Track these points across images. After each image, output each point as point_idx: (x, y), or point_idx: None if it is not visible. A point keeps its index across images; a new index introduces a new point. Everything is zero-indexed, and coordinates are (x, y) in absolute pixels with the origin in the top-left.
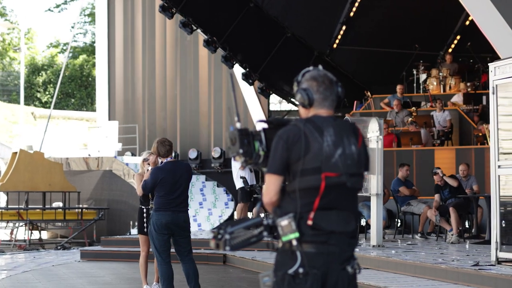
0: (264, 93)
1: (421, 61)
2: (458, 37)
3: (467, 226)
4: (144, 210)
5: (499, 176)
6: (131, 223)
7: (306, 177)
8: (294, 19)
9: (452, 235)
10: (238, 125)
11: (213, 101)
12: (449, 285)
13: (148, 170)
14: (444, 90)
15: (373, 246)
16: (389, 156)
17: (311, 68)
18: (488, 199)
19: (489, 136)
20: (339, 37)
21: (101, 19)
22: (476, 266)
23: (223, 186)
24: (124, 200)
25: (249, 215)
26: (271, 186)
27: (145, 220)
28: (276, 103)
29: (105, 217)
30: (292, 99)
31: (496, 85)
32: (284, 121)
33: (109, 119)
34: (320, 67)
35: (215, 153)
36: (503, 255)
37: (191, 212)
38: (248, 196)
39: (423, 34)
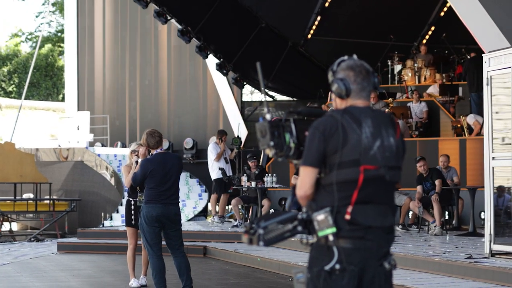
0: (238, 83)
1: (396, 52)
2: (433, 28)
3: (446, 217)
4: (132, 202)
5: (493, 168)
6: (102, 214)
7: (343, 169)
8: (268, 9)
9: (434, 227)
10: (268, 116)
11: (186, 91)
12: (443, 278)
13: (137, 161)
14: (419, 81)
15: None
16: None
17: (345, 57)
18: (472, 190)
19: (467, 128)
20: (314, 27)
21: (70, 9)
22: (470, 259)
23: (196, 177)
24: (96, 191)
25: (228, 207)
26: (306, 179)
27: (132, 212)
28: (248, 93)
29: (77, 208)
30: (266, 90)
31: (491, 76)
32: (314, 112)
33: (78, 109)
34: (355, 56)
35: (187, 144)
36: (497, 247)
37: None
38: (223, 187)
39: (398, 24)
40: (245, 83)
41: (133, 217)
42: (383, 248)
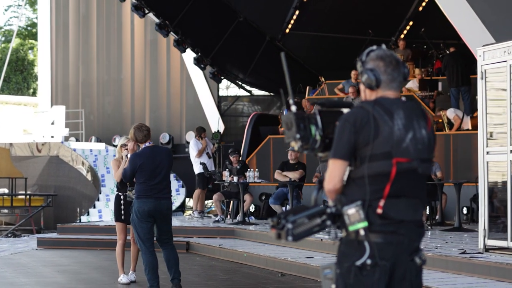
0: (215, 78)
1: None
2: (411, 23)
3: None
4: (122, 197)
5: (487, 162)
6: (78, 210)
7: (375, 162)
8: (246, 3)
9: None
10: (293, 108)
11: (161, 86)
12: (438, 273)
13: (127, 156)
14: None
15: None
16: None
17: (374, 47)
18: (458, 185)
19: (447, 123)
20: (292, 22)
21: (43, 2)
22: (464, 254)
23: (173, 172)
24: (72, 187)
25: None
26: (335, 172)
27: (122, 207)
28: (224, 88)
29: (52, 203)
30: (243, 84)
31: (485, 70)
32: (337, 103)
33: (52, 104)
34: (384, 46)
35: (163, 139)
36: (491, 242)
37: None
38: (206, 182)
39: (377, 19)
40: (222, 77)
41: (122, 212)
42: (414, 243)
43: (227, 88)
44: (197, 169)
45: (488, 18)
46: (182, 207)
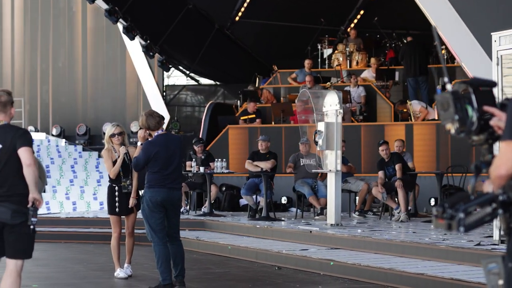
0: (164, 66)
1: (327, 36)
2: (362, 12)
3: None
4: (116, 188)
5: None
6: None
7: None
8: None
9: (398, 213)
10: (449, 86)
11: (102, 74)
12: (454, 266)
13: (139, 144)
14: (351, 66)
15: (331, 225)
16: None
17: None
18: (439, 176)
19: (413, 113)
20: (242, 9)
21: None
22: (479, 246)
23: None
24: None
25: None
26: (509, 155)
27: (117, 199)
28: (171, 77)
29: None
30: (191, 74)
31: (501, 56)
32: (485, 81)
33: None
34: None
35: (105, 128)
36: None
37: (90, 191)
38: None
39: (328, 8)
40: (171, 66)
41: (117, 204)
42: None
43: (168, 78)
44: None
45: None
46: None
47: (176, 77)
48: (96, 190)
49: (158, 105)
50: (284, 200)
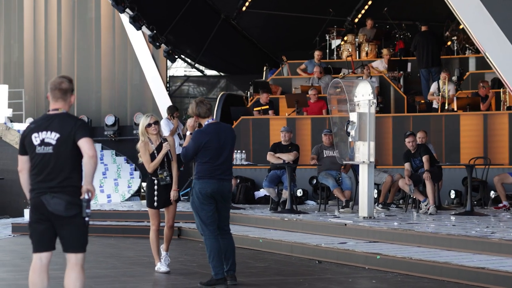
0: (170, 57)
1: (335, 26)
2: (370, 2)
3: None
4: (155, 181)
5: None
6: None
7: None
8: None
9: (425, 205)
10: None
11: (103, 65)
12: (509, 260)
13: (188, 134)
14: (360, 57)
15: (364, 217)
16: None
17: None
18: (469, 168)
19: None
20: (249, 0)
21: None
22: None
23: (123, 155)
24: (17, 170)
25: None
26: None
27: (155, 193)
28: (175, 68)
29: None
30: (196, 64)
31: None
32: None
33: None
34: None
35: (108, 120)
36: None
37: (96, 183)
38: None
39: None
40: (176, 56)
41: (155, 198)
42: None
43: (168, 69)
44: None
45: None
46: (138, 192)
47: (175, 68)
48: (102, 183)
49: (162, 97)
50: (299, 192)
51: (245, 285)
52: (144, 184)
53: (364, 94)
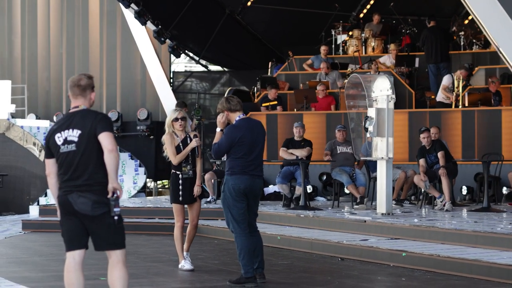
0: (174, 52)
1: (341, 22)
2: None
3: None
4: (180, 176)
5: None
6: (31, 191)
7: None
8: None
9: (441, 202)
10: None
11: (105, 61)
12: None
13: (218, 130)
14: (366, 52)
15: (382, 214)
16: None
17: None
18: (486, 164)
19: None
20: None
21: None
22: None
23: (126, 151)
24: (20, 166)
25: None
26: None
27: (180, 187)
28: (178, 63)
29: (2, 184)
30: (201, 60)
31: None
32: None
33: None
34: None
35: (112, 116)
36: None
37: None
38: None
39: None
40: (181, 52)
41: (180, 193)
42: None
43: (171, 64)
44: None
45: None
46: (144, 188)
47: (176, 63)
48: None
49: (166, 92)
50: (309, 189)
51: (274, 283)
52: (148, 180)
53: (382, 89)
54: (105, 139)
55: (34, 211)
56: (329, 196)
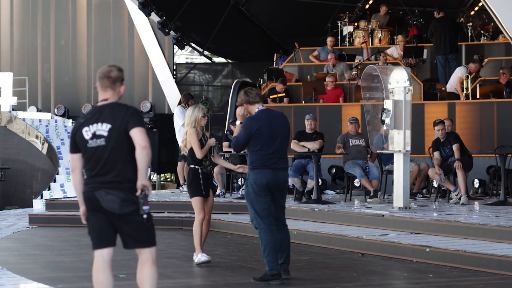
0: (179, 44)
1: (347, 13)
2: None
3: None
4: (200, 171)
5: None
6: (33, 184)
7: None
8: None
9: (456, 195)
10: None
11: (109, 53)
12: None
13: (238, 123)
14: (373, 43)
15: (399, 208)
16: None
17: None
18: (503, 157)
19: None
20: None
21: None
22: None
23: None
24: (22, 159)
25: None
26: None
27: (201, 182)
28: (181, 55)
29: (4, 178)
30: (205, 51)
31: None
32: None
33: None
34: None
35: None
36: None
37: None
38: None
39: None
40: (185, 43)
41: (202, 187)
42: None
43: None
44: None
45: None
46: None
47: (177, 55)
48: None
49: (169, 84)
50: (319, 182)
51: (299, 279)
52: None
53: (399, 80)
54: (138, 135)
55: (38, 205)
56: (338, 189)
